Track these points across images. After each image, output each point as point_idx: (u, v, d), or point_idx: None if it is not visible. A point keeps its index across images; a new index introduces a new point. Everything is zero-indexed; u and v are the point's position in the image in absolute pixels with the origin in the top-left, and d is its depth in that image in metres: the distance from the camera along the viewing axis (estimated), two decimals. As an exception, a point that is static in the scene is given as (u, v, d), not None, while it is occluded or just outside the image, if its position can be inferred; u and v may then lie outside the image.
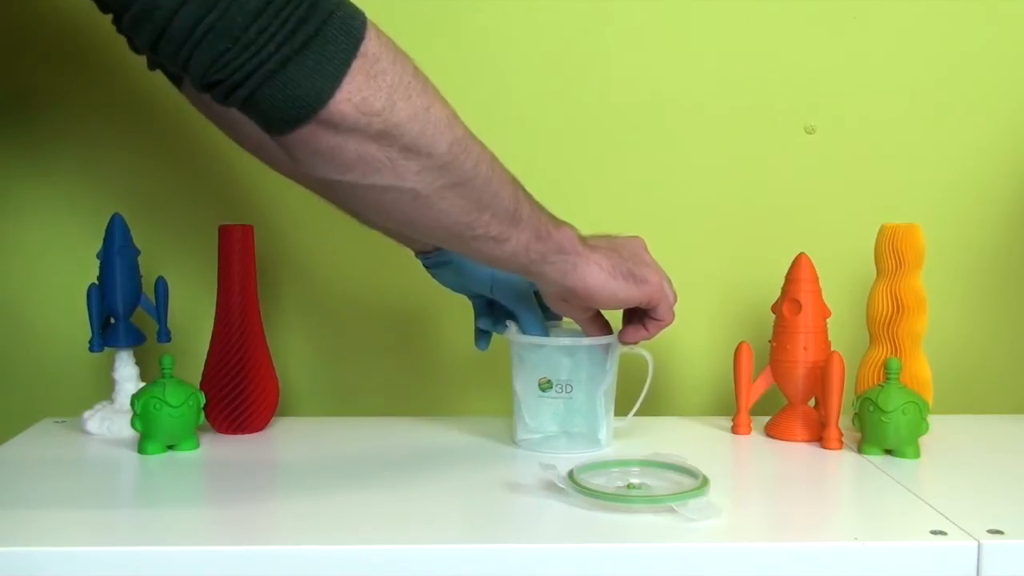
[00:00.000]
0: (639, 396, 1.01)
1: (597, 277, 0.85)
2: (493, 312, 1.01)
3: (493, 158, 0.77)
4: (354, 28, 0.66)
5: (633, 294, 0.87)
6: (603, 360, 0.96)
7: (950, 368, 1.15)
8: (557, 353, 0.96)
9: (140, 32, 0.64)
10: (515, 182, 0.79)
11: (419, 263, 0.99)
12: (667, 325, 0.92)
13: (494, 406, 1.16)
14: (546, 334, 0.96)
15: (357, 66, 0.66)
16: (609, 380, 0.97)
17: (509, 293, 0.96)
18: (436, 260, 0.96)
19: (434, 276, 0.99)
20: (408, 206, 0.73)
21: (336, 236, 1.15)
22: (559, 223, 0.83)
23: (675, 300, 0.92)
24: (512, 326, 0.98)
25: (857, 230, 1.10)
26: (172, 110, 1.11)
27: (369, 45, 0.67)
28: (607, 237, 0.89)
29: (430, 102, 0.70)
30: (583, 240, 0.85)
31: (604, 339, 0.95)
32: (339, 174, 0.70)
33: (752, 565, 0.73)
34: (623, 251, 0.88)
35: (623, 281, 0.86)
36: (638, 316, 0.93)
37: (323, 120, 0.66)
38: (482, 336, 1.02)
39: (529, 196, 0.81)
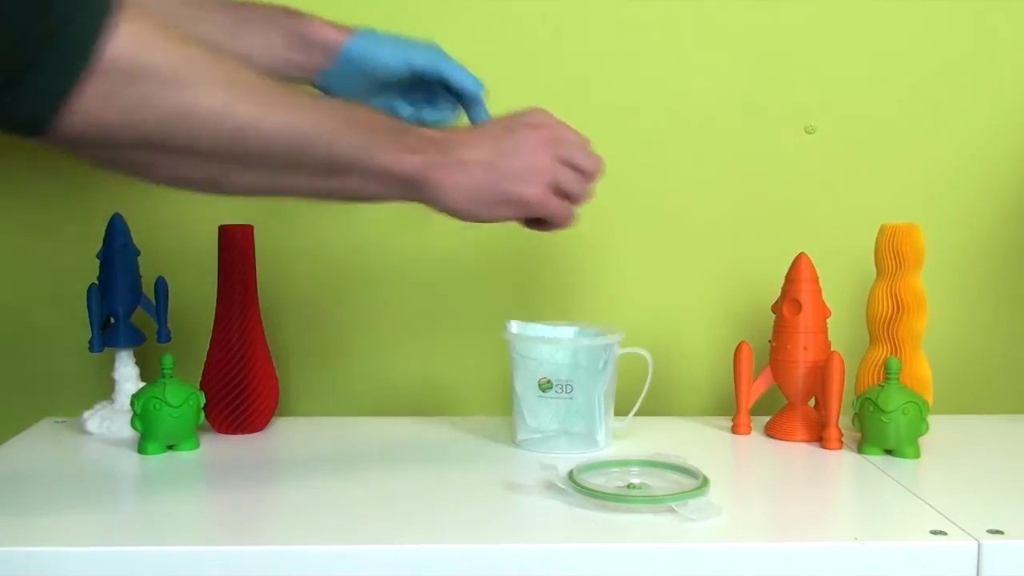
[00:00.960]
0: (639, 396, 1.01)
1: (460, 206, 0.78)
2: (412, 96, 0.95)
3: (301, 120, 0.71)
4: (87, 41, 0.62)
5: (506, 215, 0.81)
6: (602, 360, 0.96)
7: (950, 368, 1.15)
8: (557, 353, 0.96)
9: None
10: (338, 132, 0.73)
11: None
12: (590, 181, 0.85)
13: (494, 406, 1.16)
14: (481, 86, 0.92)
15: (91, 84, 0.62)
16: (608, 380, 0.97)
17: (429, 62, 0.91)
18: (326, 82, 0.91)
19: (332, 93, 0.91)
20: (205, 184, 0.72)
21: (336, 236, 1.15)
22: (406, 153, 0.76)
23: (592, 168, 0.85)
24: (513, 325, 0.98)
25: (857, 230, 1.10)
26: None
27: (112, 54, 0.62)
28: (496, 135, 0.81)
29: (193, 99, 0.66)
30: (439, 157, 0.77)
31: (604, 339, 0.95)
32: (119, 172, 0.69)
33: (752, 565, 0.73)
34: (503, 164, 0.79)
35: (489, 207, 0.79)
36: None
37: (59, 136, 0.64)
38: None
39: (366, 134, 0.75)
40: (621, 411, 1.01)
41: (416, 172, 0.76)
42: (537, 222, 0.85)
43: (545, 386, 0.96)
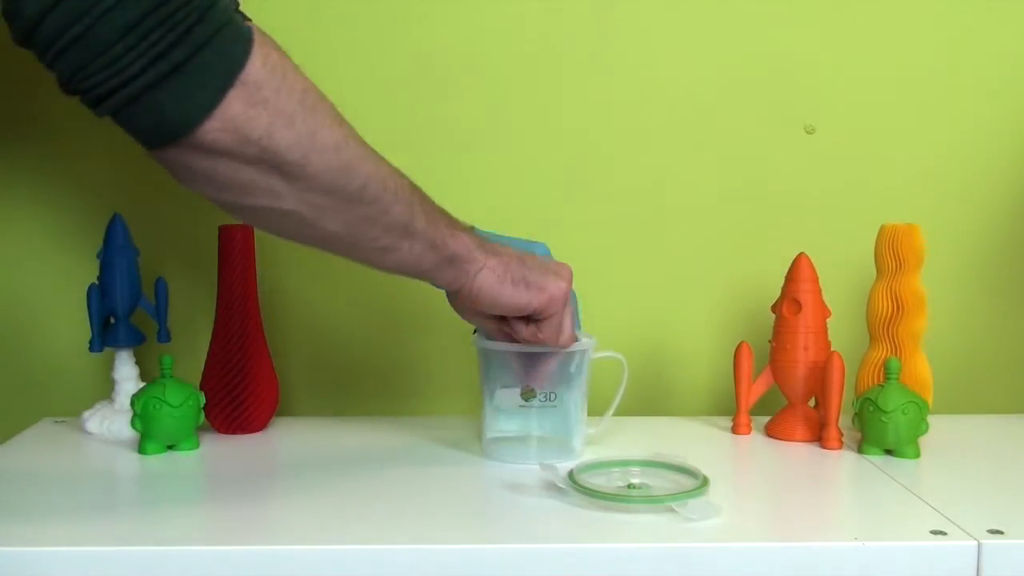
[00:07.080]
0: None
1: (485, 281, 0.83)
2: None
3: (388, 175, 0.75)
4: (235, 54, 0.64)
5: (521, 299, 0.84)
6: (574, 364, 0.93)
7: (950, 368, 1.15)
8: (525, 360, 0.91)
9: (12, 27, 0.62)
10: (412, 196, 0.78)
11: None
12: (548, 340, 0.88)
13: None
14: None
15: (234, 95, 0.64)
16: (582, 385, 0.94)
17: None
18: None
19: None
20: (289, 224, 0.73)
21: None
22: (457, 231, 0.82)
23: (571, 330, 0.89)
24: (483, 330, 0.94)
25: (857, 230, 1.10)
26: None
27: (251, 71, 0.64)
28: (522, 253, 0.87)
29: (316, 127, 0.69)
30: (481, 246, 0.83)
31: (578, 345, 0.92)
32: (215, 193, 0.69)
33: (752, 565, 0.73)
34: (531, 260, 0.86)
35: (511, 286, 0.84)
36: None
37: (193, 144, 0.64)
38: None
39: (428, 206, 0.80)
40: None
41: (466, 249, 0.82)
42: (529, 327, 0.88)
43: (528, 395, 0.93)
